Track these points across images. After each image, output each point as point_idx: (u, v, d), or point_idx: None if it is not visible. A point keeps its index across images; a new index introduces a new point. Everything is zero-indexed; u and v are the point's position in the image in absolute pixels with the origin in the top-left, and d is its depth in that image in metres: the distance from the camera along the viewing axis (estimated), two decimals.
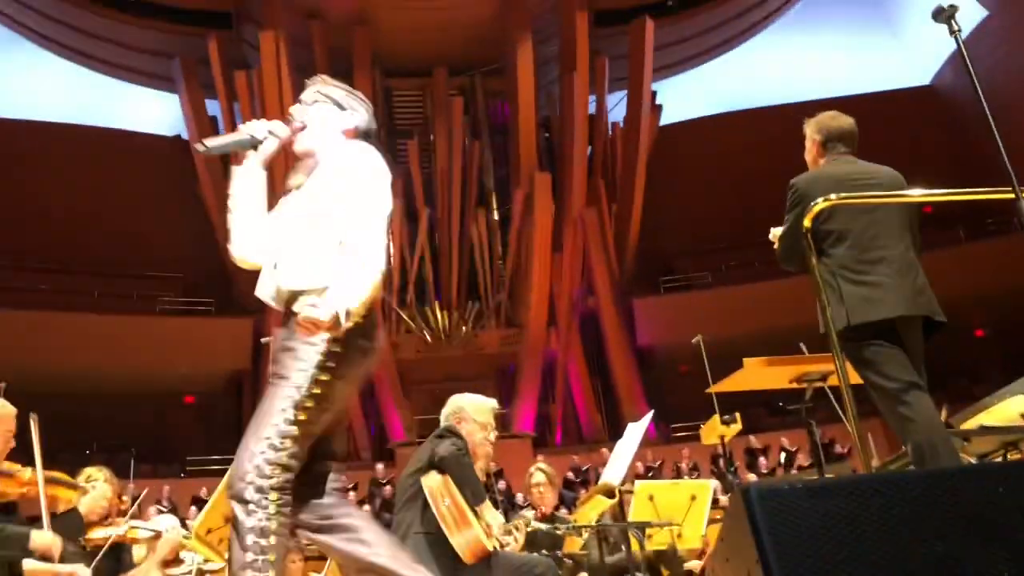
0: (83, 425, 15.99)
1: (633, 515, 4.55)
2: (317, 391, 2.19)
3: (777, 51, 24.24)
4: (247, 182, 2.58)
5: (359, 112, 2.60)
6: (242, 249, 2.52)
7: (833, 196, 2.85)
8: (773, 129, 22.43)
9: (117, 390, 16.66)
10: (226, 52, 20.14)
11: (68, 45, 20.92)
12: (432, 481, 3.37)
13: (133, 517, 4.54)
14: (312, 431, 2.19)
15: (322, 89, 2.61)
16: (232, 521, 2.09)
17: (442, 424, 3.80)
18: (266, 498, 2.08)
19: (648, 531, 4.41)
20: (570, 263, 20.28)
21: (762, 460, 15.37)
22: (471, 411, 3.78)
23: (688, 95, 23.95)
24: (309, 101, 2.58)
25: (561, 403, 20.01)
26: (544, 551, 4.33)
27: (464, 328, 20.04)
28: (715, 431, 5.53)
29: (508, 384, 20.34)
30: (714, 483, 5.47)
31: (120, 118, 21.92)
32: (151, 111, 22.30)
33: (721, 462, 13.86)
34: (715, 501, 6.65)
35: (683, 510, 4.74)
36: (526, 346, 19.62)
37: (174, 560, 4.73)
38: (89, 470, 4.34)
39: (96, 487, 4.17)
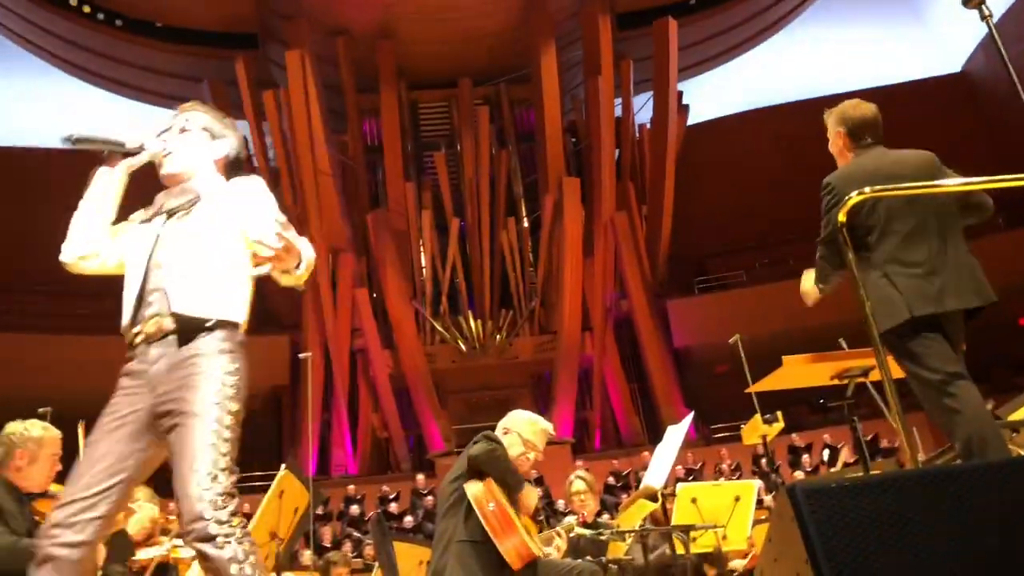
0: None
1: (676, 518, 4.52)
2: (233, 420, 2.22)
3: (803, 45, 24.05)
4: (107, 187, 2.53)
5: (228, 139, 2.63)
6: (77, 251, 2.50)
7: (867, 189, 2.79)
8: (802, 124, 22.13)
9: None
10: (253, 72, 20.39)
11: (97, 72, 21.31)
12: (475, 488, 3.35)
13: (177, 536, 4.57)
14: (235, 454, 2.21)
15: (191, 117, 2.62)
16: (206, 567, 2.07)
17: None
18: (229, 525, 2.07)
19: (692, 534, 4.37)
20: (602, 267, 20.23)
21: (805, 458, 15.20)
22: (518, 425, 3.76)
23: (715, 94, 23.81)
24: (177, 129, 2.59)
25: (599, 408, 19.95)
26: (588, 557, 4.31)
27: (498, 336, 20.05)
28: (757, 430, 5.47)
29: (544, 391, 20.32)
30: (758, 483, 5.41)
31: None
32: None
33: (763, 462, 13.74)
34: (759, 501, 6.58)
35: (727, 511, 4.70)
36: (561, 352, 19.59)
37: None
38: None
39: (141, 507, 4.20)
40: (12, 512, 3.22)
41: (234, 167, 2.60)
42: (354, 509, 14.83)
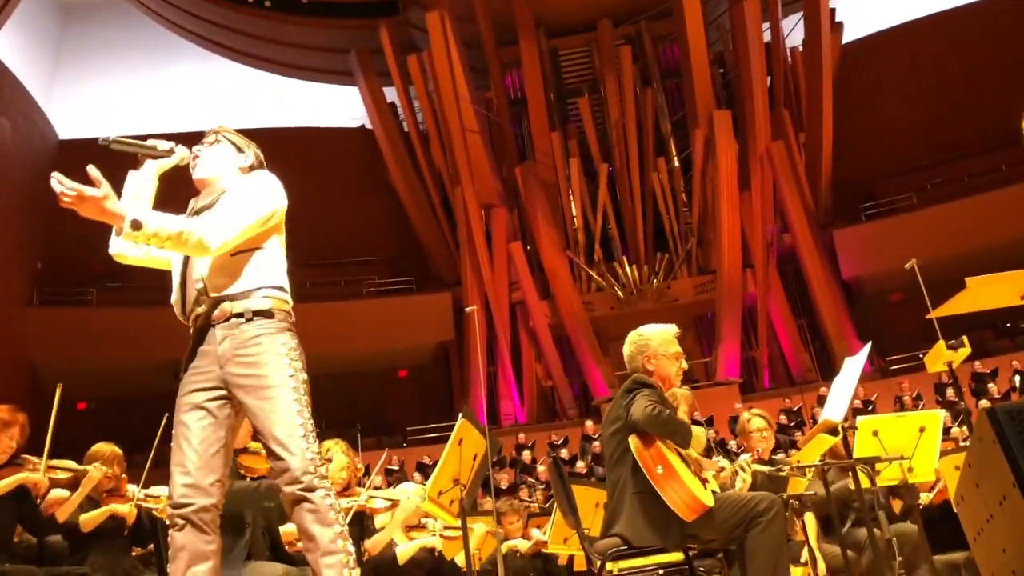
0: (312, 406, 17.24)
1: (858, 451, 4.37)
2: (305, 388, 2.49)
3: None
4: (137, 187, 2.75)
5: (252, 154, 2.84)
6: (120, 247, 2.70)
7: None
8: (968, 30, 20.64)
9: (338, 371, 17.71)
10: (396, 38, 20.82)
11: (252, 54, 22.32)
12: (637, 442, 3.31)
13: (375, 488, 4.83)
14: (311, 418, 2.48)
15: (221, 132, 2.84)
16: (308, 510, 2.35)
17: (627, 361, 3.68)
18: (325, 480, 2.38)
19: (877, 466, 4.23)
20: (760, 201, 19.57)
21: (992, 386, 14.31)
22: (659, 345, 3.62)
23: (870, 7, 22.31)
24: (209, 142, 2.81)
25: (766, 346, 19.44)
26: (766, 492, 4.24)
27: (655, 280, 19.84)
28: (941, 358, 5.16)
29: (708, 332, 20.01)
30: (943, 413, 5.15)
31: (305, 116, 23.21)
32: (333, 105, 23.49)
33: (950, 390, 13.04)
34: (945, 431, 6.26)
35: (911, 443, 4.50)
36: (722, 292, 19.18)
37: (417, 525, 5.03)
38: (327, 443, 4.62)
39: (335, 459, 4.46)
40: None
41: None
42: (526, 455, 15.21)
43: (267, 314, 2.53)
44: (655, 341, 3.65)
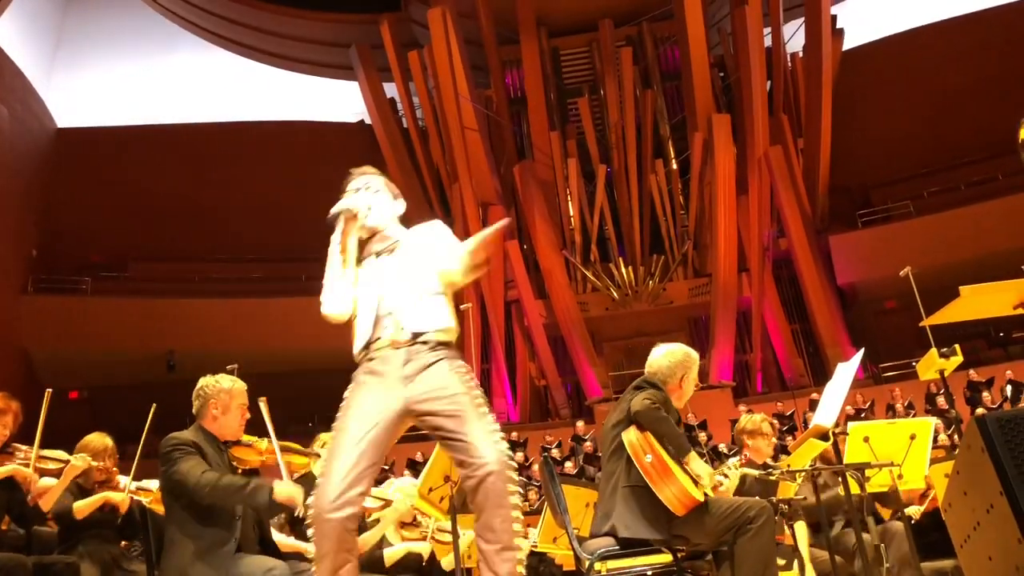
0: (304, 400, 17.20)
1: (848, 457, 4.38)
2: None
3: None
4: (340, 249, 3.00)
5: (401, 200, 3.19)
6: (333, 307, 2.95)
7: None
8: (968, 39, 20.70)
9: (332, 366, 17.66)
10: (398, 34, 20.80)
11: (253, 46, 22.30)
12: (632, 436, 3.34)
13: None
14: None
15: (372, 180, 3.14)
16: (501, 499, 2.52)
17: (659, 369, 3.71)
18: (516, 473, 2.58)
19: (867, 472, 4.24)
20: (757, 205, 19.59)
21: (985, 395, 14.36)
22: (693, 367, 3.78)
23: (871, 14, 22.36)
24: (375, 189, 3.10)
25: (759, 350, 19.47)
26: (757, 498, 4.24)
27: (651, 282, 19.86)
28: (933, 365, 5.17)
29: (702, 334, 20.02)
30: (934, 420, 5.16)
31: (304, 110, 23.19)
32: (333, 100, 23.46)
33: (940, 398, 13.07)
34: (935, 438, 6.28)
35: (902, 450, 4.51)
36: (717, 295, 19.21)
37: (411, 522, 5.03)
38: (324, 436, 4.60)
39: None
40: (213, 458, 3.51)
41: (402, 219, 3.15)
42: (518, 456, 15.19)
43: (444, 346, 2.84)
44: (694, 365, 3.81)
